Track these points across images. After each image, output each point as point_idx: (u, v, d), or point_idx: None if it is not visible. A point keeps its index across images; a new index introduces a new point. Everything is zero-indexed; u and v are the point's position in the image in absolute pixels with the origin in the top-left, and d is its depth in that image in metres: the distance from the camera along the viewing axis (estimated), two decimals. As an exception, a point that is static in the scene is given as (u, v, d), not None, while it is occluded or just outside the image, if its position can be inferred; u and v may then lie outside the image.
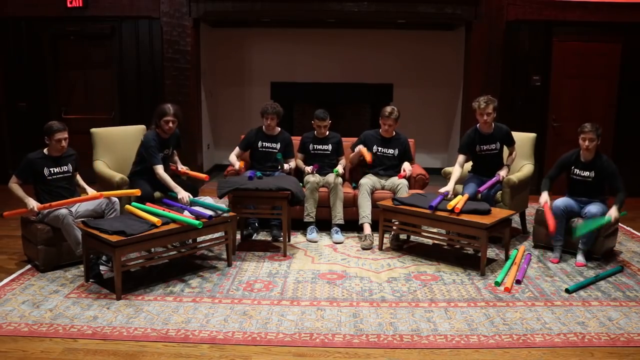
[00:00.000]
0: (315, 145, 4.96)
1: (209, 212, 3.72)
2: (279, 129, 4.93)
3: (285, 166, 4.80)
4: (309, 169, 4.76)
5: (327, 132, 4.97)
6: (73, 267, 3.86)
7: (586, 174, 4.15)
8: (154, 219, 3.49)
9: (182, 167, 4.53)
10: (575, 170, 4.20)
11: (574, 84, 6.52)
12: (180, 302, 3.30)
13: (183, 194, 3.99)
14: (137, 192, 3.93)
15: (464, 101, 6.88)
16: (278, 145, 4.86)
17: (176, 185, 4.07)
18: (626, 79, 6.47)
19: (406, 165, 4.81)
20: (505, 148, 4.62)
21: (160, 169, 4.09)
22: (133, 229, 3.35)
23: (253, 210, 4.42)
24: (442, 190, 4.27)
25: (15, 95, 6.70)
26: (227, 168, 4.92)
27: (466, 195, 4.17)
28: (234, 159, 4.88)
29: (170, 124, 4.14)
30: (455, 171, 4.48)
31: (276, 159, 4.80)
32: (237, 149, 4.93)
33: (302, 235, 4.71)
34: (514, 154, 4.65)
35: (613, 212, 3.97)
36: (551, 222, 3.94)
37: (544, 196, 4.18)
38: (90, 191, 3.98)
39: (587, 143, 4.08)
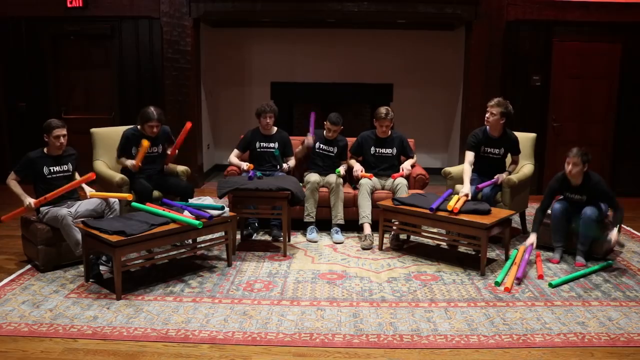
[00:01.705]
0: (321, 145, 4.95)
1: (209, 214, 3.73)
2: (276, 128, 4.94)
3: (285, 166, 4.81)
4: (307, 139, 4.85)
5: (336, 135, 4.98)
6: (73, 267, 3.86)
7: (578, 197, 4.11)
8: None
9: (169, 152, 4.57)
10: (569, 194, 4.15)
11: (574, 84, 6.53)
12: (180, 302, 3.30)
13: (130, 163, 4.25)
14: (129, 196, 3.93)
15: (464, 101, 6.89)
16: (276, 145, 4.87)
17: (127, 159, 4.34)
18: (626, 79, 6.47)
19: (405, 165, 4.82)
20: (509, 156, 4.64)
21: (121, 158, 4.38)
22: (133, 229, 3.35)
23: (253, 210, 4.42)
24: (462, 193, 4.13)
25: (15, 95, 6.70)
26: (227, 168, 4.92)
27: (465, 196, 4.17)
28: (236, 160, 4.88)
29: (155, 129, 4.29)
30: (467, 171, 4.37)
31: (274, 155, 4.81)
32: (235, 151, 4.94)
33: (302, 235, 4.71)
34: (517, 164, 4.65)
35: (613, 235, 3.88)
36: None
37: (531, 238, 4.05)
38: (88, 190, 3.98)
39: (570, 167, 3.96)
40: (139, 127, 4.36)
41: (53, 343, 2.82)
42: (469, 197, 4.16)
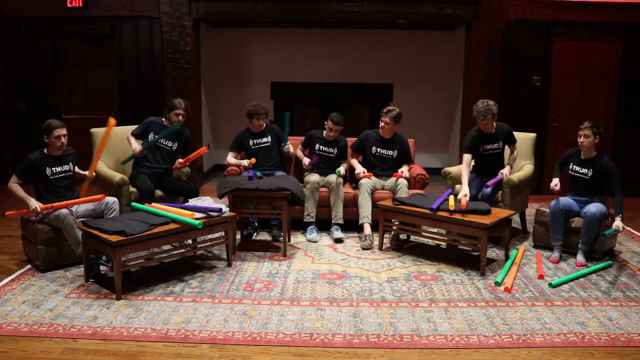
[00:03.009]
0: (321, 146, 4.95)
1: (219, 207, 3.77)
2: (265, 124, 4.94)
3: (287, 148, 4.84)
4: (306, 160, 4.81)
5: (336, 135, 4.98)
6: (73, 267, 3.86)
7: (584, 171, 4.14)
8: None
9: (179, 161, 4.59)
10: (574, 166, 4.20)
11: (574, 84, 6.53)
12: (180, 302, 3.30)
13: (137, 148, 4.33)
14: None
15: (464, 101, 6.89)
16: (269, 139, 4.87)
17: (134, 142, 4.40)
18: (626, 79, 6.47)
19: (404, 169, 4.82)
20: (507, 148, 4.64)
21: (131, 136, 4.45)
22: (133, 229, 3.35)
23: (253, 210, 4.42)
24: (461, 195, 4.11)
25: (15, 95, 6.70)
26: (227, 168, 4.92)
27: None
28: (234, 161, 4.88)
29: (181, 117, 4.39)
30: (465, 172, 4.34)
31: (269, 149, 4.85)
32: (231, 153, 4.93)
33: (302, 235, 4.71)
34: (515, 153, 4.67)
35: (618, 223, 3.90)
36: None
37: (555, 180, 4.25)
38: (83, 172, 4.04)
39: (582, 139, 4.09)
40: (163, 119, 4.48)
41: (53, 343, 2.82)
42: (468, 198, 4.13)
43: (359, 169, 4.81)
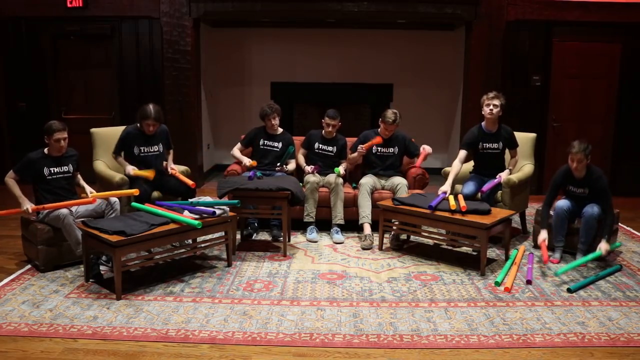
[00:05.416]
0: (320, 145, 4.95)
1: (212, 209, 3.75)
2: (281, 129, 4.94)
3: (285, 167, 4.79)
4: (309, 168, 4.76)
5: (335, 134, 4.97)
6: (73, 267, 3.86)
7: (581, 190, 4.10)
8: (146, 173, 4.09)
9: (172, 168, 4.50)
10: (571, 187, 4.14)
11: (574, 84, 6.53)
12: (180, 302, 3.30)
13: (129, 169, 4.23)
14: (135, 192, 3.95)
15: (464, 101, 6.89)
16: (280, 145, 4.86)
17: (128, 164, 4.28)
18: (626, 79, 6.47)
19: (425, 147, 4.76)
20: (507, 151, 4.63)
21: (119, 157, 4.37)
22: (133, 229, 3.35)
23: (253, 210, 4.42)
24: (440, 190, 4.22)
25: (15, 95, 6.71)
26: (227, 168, 4.92)
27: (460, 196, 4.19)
28: (238, 154, 4.88)
29: (151, 127, 4.27)
30: (454, 167, 4.42)
31: (278, 155, 4.82)
32: (239, 145, 4.95)
33: (302, 235, 4.71)
34: (517, 158, 4.64)
35: (603, 246, 3.85)
36: (545, 256, 3.84)
37: (543, 234, 4.04)
38: (90, 190, 3.97)
39: (575, 164, 3.97)
40: (138, 125, 4.35)
41: (53, 343, 2.82)
42: (447, 195, 4.17)
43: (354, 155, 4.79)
